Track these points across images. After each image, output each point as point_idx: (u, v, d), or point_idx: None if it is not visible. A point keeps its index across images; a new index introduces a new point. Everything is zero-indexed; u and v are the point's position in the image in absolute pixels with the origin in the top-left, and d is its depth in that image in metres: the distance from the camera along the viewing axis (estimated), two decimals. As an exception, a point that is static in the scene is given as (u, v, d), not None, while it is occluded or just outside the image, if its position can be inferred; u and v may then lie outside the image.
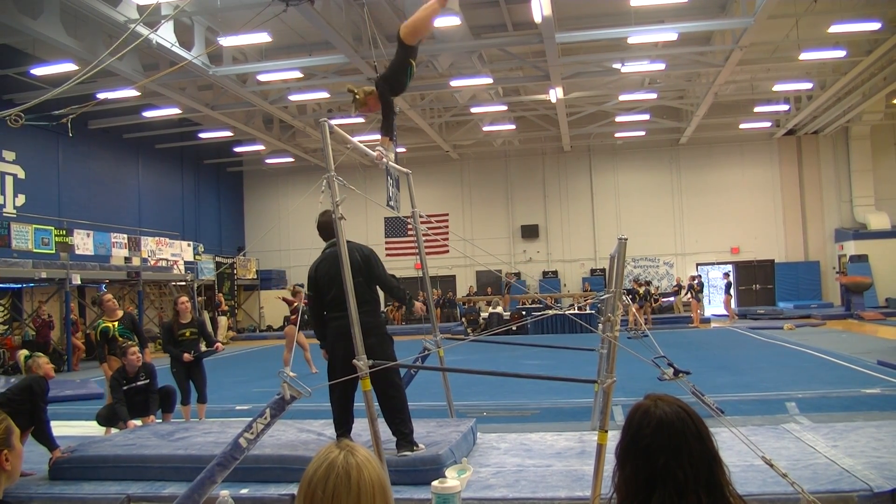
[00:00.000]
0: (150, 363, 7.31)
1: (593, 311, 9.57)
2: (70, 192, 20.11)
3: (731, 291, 23.58)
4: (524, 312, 21.03)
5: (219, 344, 8.44)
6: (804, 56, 16.75)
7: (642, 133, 25.20)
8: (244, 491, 4.70)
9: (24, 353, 14.22)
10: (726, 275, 24.40)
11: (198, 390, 7.80)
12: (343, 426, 5.15)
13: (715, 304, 25.51)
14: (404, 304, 5.09)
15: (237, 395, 10.24)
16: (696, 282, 22.19)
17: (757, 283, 26.09)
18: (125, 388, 6.92)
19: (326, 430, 5.75)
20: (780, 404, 7.79)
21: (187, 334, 7.77)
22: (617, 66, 17.64)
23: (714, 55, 17.42)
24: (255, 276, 27.42)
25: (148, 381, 7.10)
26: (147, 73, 15.35)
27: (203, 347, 8.00)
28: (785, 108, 22.54)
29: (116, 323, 7.75)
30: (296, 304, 11.83)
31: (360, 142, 5.47)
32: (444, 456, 4.84)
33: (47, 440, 5.45)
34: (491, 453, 5.57)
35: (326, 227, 5.19)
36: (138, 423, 6.91)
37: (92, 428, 7.50)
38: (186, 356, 7.62)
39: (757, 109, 22.84)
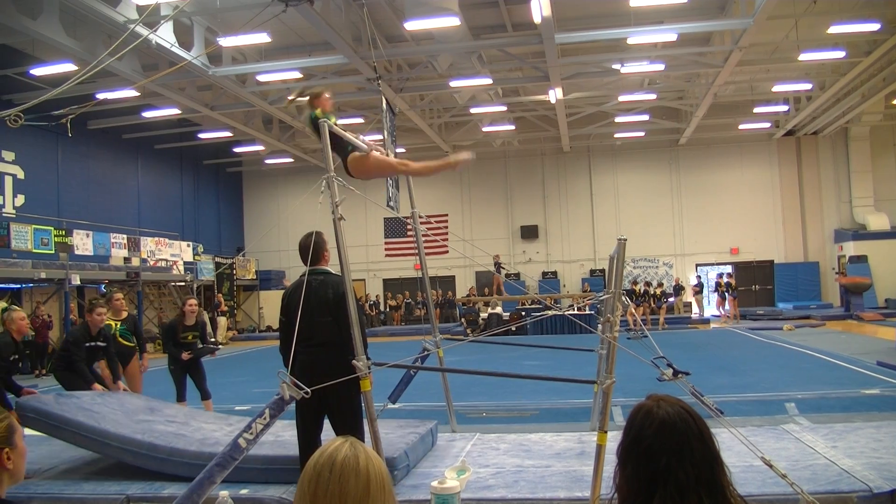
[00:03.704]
0: (104, 328, 7.24)
1: (592, 312, 9.58)
2: (69, 192, 20.10)
3: (732, 293, 22.83)
4: (523, 313, 21.03)
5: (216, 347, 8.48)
6: (803, 57, 16.75)
7: (642, 134, 25.20)
8: (244, 491, 4.70)
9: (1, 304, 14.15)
10: (730, 275, 23.93)
11: (199, 388, 7.80)
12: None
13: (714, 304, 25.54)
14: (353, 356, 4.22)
15: (236, 395, 10.24)
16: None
17: (756, 283, 26.09)
18: (88, 345, 6.90)
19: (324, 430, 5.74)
20: (780, 405, 7.79)
21: (189, 338, 7.79)
22: (616, 66, 17.64)
23: (713, 56, 17.42)
24: (255, 277, 27.42)
25: (105, 344, 7.12)
26: (146, 73, 15.34)
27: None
28: (784, 108, 22.55)
29: (119, 323, 7.76)
30: None
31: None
32: (397, 459, 4.84)
33: (12, 390, 5.62)
34: (490, 454, 5.57)
35: (314, 249, 4.56)
36: (101, 388, 6.85)
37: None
38: (185, 354, 7.65)
39: (756, 110, 22.84)
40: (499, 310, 21.74)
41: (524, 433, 6.40)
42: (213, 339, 8.51)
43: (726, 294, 22.67)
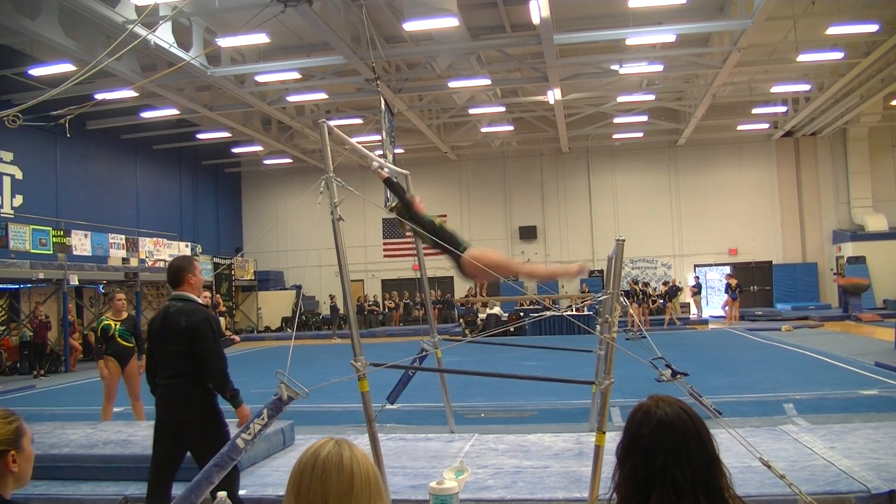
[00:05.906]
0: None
1: (591, 313, 9.57)
2: (68, 192, 20.08)
3: (735, 295, 22.54)
4: (522, 314, 21.03)
5: (235, 337, 8.43)
6: (802, 58, 16.76)
7: (640, 134, 25.20)
8: (241, 492, 4.69)
9: None
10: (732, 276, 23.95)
11: None
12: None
13: (713, 304, 25.59)
14: (223, 394, 4.19)
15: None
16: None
17: (755, 284, 26.11)
18: None
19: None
20: (778, 405, 7.80)
21: None
22: (615, 67, 17.64)
23: (712, 57, 17.43)
24: (253, 277, 27.40)
25: None
26: (145, 73, 15.33)
27: None
28: (783, 109, 22.56)
29: (119, 323, 7.75)
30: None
31: (359, 143, 5.47)
32: None
33: None
34: (489, 454, 5.57)
35: (176, 272, 4.27)
36: None
37: None
38: None
39: (755, 111, 22.85)
40: (497, 310, 21.74)
41: (523, 434, 6.40)
42: (233, 335, 8.45)
43: (737, 294, 22.61)
